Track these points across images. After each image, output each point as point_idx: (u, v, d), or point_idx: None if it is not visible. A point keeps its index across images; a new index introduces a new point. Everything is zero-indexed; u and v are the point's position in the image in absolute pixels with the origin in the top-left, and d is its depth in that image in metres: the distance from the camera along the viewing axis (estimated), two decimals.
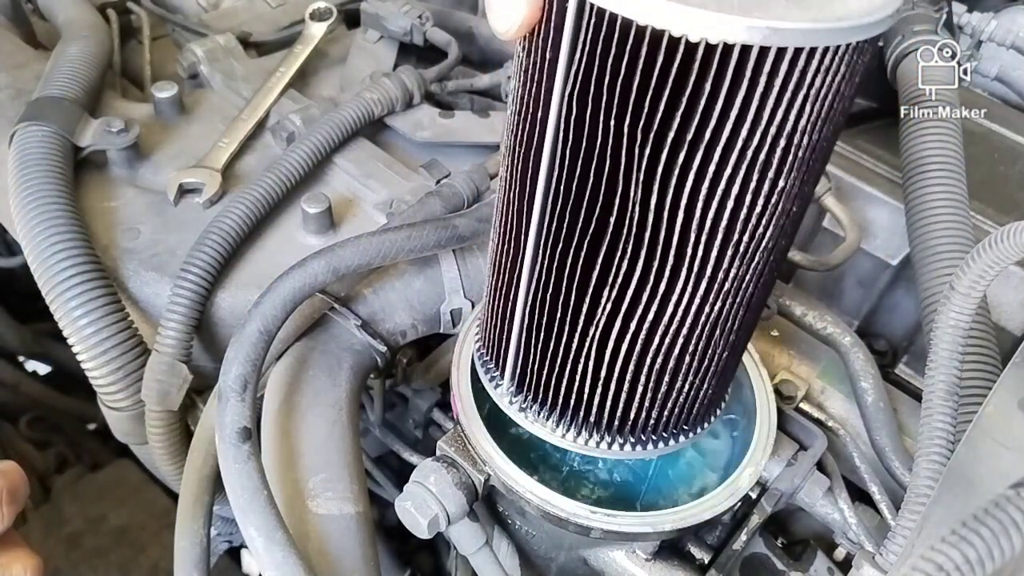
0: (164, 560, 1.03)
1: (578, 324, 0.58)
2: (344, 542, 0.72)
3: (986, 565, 0.39)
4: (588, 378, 0.61)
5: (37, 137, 0.87)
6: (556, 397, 0.64)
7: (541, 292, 0.58)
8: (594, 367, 0.60)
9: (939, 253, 0.85)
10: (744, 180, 0.48)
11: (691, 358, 0.59)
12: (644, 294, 0.54)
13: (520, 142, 0.54)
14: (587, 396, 0.62)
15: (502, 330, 0.65)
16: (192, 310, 0.81)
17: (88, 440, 1.73)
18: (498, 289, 0.64)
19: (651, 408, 0.62)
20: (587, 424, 0.64)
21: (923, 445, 0.64)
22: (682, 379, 0.61)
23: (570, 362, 0.60)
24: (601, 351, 0.58)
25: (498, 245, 0.63)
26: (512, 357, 0.65)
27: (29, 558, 0.61)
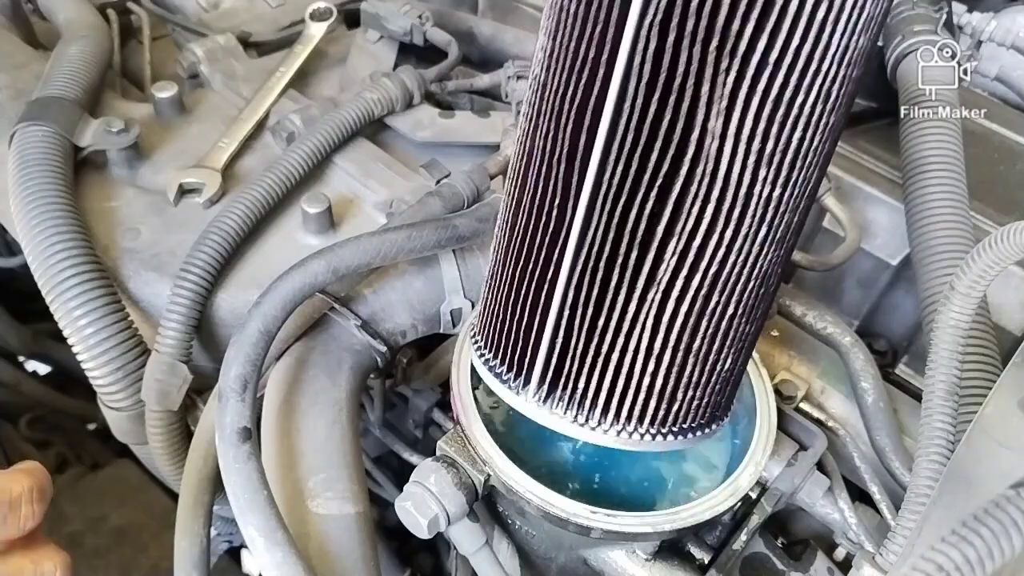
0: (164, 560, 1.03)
1: (635, 289, 0.55)
2: (344, 542, 0.72)
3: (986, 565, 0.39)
4: (640, 355, 0.57)
5: (37, 137, 0.87)
6: (600, 387, 0.60)
7: (593, 261, 0.55)
8: (649, 339, 0.57)
9: (939, 253, 0.85)
10: (811, 107, 0.48)
11: (740, 320, 0.57)
12: (711, 242, 0.52)
13: (566, 97, 0.51)
14: (637, 378, 0.59)
15: (528, 325, 0.61)
16: (192, 310, 0.81)
17: (88, 440, 1.73)
18: (521, 279, 0.60)
19: (699, 383, 0.60)
20: (632, 414, 0.60)
21: (923, 445, 0.64)
22: (729, 345, 0.59)
23: (622, 338, 0.57)
24: (659, 318, 0.56)
25: (522, 229, 0.59)
26: (545, 351, 0.60)
27: (58, 555, 0.61)
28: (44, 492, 0.59)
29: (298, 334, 0.83)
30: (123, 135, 0.93)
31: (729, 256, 0.54)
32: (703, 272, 0.54)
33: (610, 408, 0.61)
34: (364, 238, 0.79)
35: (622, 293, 0.56)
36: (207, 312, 0.84)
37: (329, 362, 0.82)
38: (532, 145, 0.56)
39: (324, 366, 0.81)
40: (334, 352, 0.83)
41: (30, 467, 0.61)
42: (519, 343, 0.63)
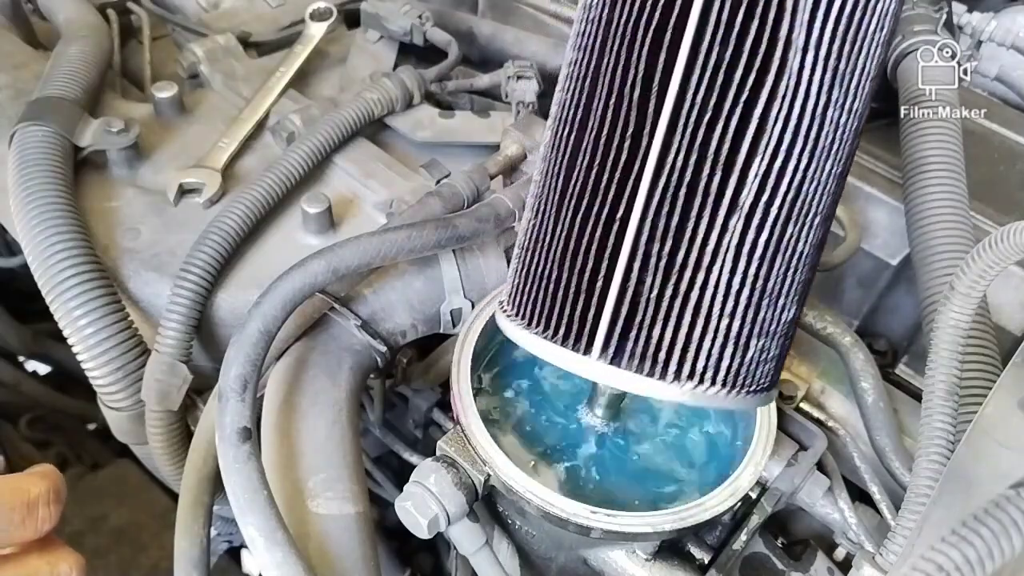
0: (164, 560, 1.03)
1: (718, 216, 0.53)
2: (344, 542, 0.72)
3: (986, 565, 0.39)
4: (720, 294, 0.55)
5: (37, 137, 0.87)
6: (677, 332, 0.56)
7: (673, 189, 0.53)
8: (728, 274, 0.55)
9: (939, 253, 0.85)
10: (873, 31, 0.51)
11: (804, 261, 0.57)
12: (790, 165, 0.52)
13: (639, 23, 0.52)
14: (716, 321, 0.56)
15: (593, 276, 0.57)
16: (192, 310, 0.81)
17: (88, 440, 1.73)
18: (583, 228, 0.57)
19: (769, 331, 0.58)
20: (709, 363, 0.57)
21: (923, 445, 0.64)
22: (794, 290, 0.58)
23: (702, 273, 0.55)
24: (739, 249, 0.54)
25: (582, 172, 0.57)
26: (614, 300, 0.56)
27: (73, 556, 0.61)
28: (60, 494, 0.60)
29: (298, 334, 0.83)
30: (123, 135, 0.93)
31: (804, 182, 0.54)
32: (783, 197, 0.53)
33: (687, 357, 0.57)
34: (364, 238, 0.79)
35: (704, 221, 0.54)
36: (207, 312, 0.84)
37: (329, 362, 0.82)
38: (593, 82, 0.55)
39: (324, 366, 0.81)
40: (334, 352, 0.83)
41: (46, 470, 0.61)
42: (580, 299, 0.58)
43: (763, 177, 0.53)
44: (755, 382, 0.61)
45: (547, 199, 0.62)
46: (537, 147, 0.96)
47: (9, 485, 0.58)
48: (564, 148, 0.59)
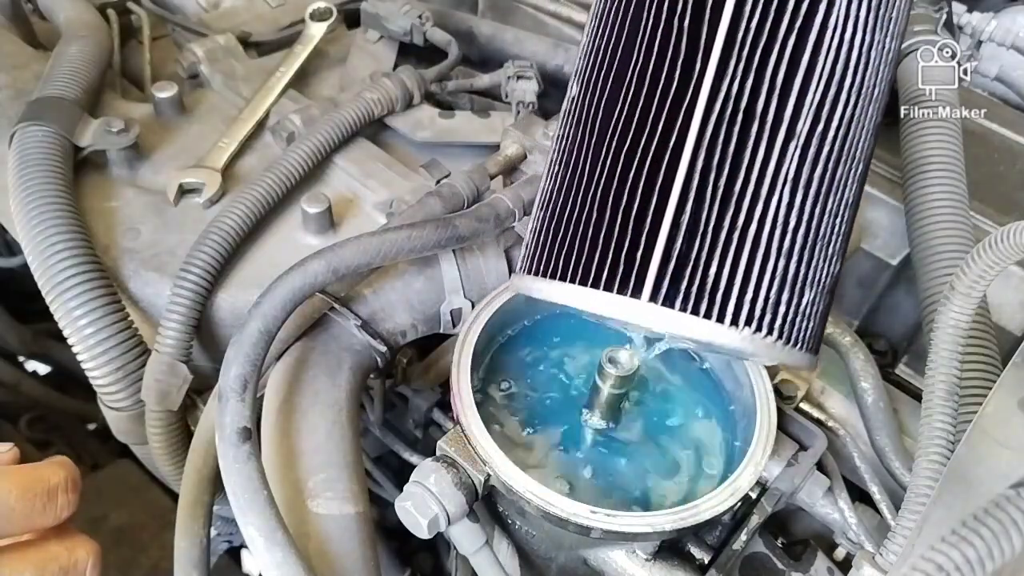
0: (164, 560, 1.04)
1: (776, 143, 0.52)
2: (344, 542, 0.72)
3: (986, 565, 0.39)
4: (778, 228, 0.53)
5: (37, 137, 0.87)
6: (735, 268, 0.53)
7: (729, 117, 0.51)
8: (786, 208, 0.53)
9: (939, 253, 0.85)
10: None
11: (848, 206, 0.57)
12: (844, 89, 0.52)
13: None
14: (775, 258, 0.54)
15: (641, 212, 0.54)
16: (192, 310, 0.81)
17: (88, 440, 1.73)
18: (628, 165, 0.55)
19: (818, 279, 0.57)
20: (767, 304, 0.55)
21: (923, 445, 0.64)
22: (840, 238, 0.58)
23: (760, 204, 0.53)
24: (796, 180, 0.53)
25: (627, 110, 0.54)
26: (666, 236, 0.53)
27: (90, 543, 0.62)
28: (77, 483, 0.62)
29: (298, 334, 0.83)
30: (123, 135, 0.93)
31: (853, 120, 0.54)
32: (835, 130, 0.53)
33: (744, 299, 0.54)
34: (364, 238, 0.79)
35: (761, 149, 0.52)
36: (207, 312, 0.84)
37: (329, 362, 0.82)
38: (637, 15, 0.54)
39: (324, 366, 0.81)
40: (334, 352, 0.83)
41: (63, 460, 0.63)
42: (627, 238, 0.55)
43: (818, 106, 0.52)
44: (805, 339, 0.58)
45: (581, 143, 0.59)
46: (537, 147, 0.96)
47: (30, 474, 0.60)
48: (601, 85, 0.57)
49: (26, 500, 0.58)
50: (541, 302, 0.87)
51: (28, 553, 0.59)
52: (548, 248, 0.60)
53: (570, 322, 0.90)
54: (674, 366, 0.88)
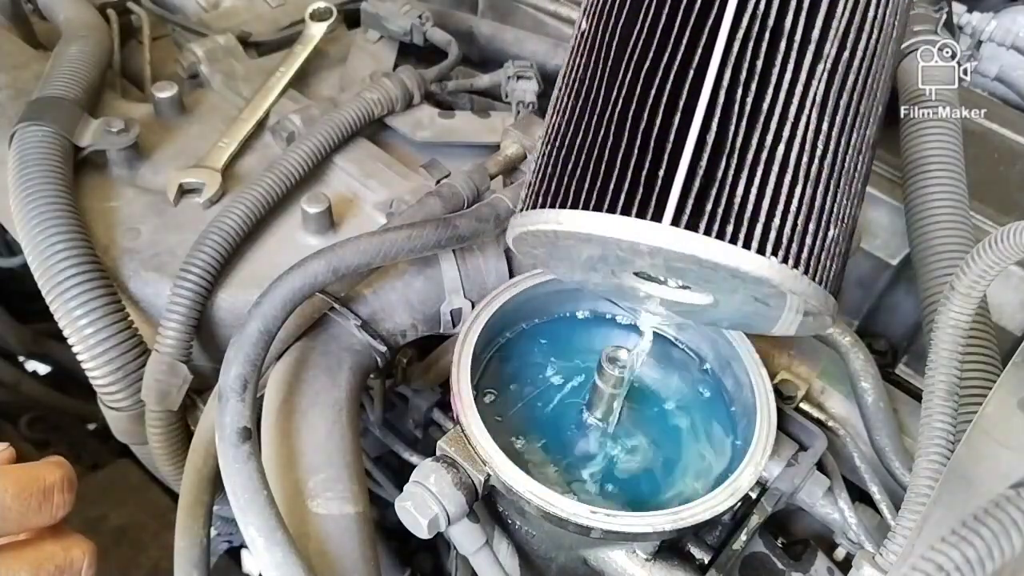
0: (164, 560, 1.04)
1: (804, 61, 0.50)
2: (344, 542, 0.72)
3: (986, 565, 0.39)
4: (807, 150, 0.52)
5: (37, 137, 0.87)
6: (764, 189, 0.51)
7: (756, 34, 0.50)
8: (814, 131, 0.51)
9: (939, 253, 0.85)
10: None
11: (868, 143, 0.55)
12: (868, 18, 0.52)
13: None
14: (803, 181, 0.51)
15: (663, 130, 0.51)
16: (192, 310, 0.81)
17: (88, 440, 1.73)
18: (647, 84, 0.52)
19: (843, 214, 0.55)
20: (795, 230, 0.52)
21: (923, 445, 0.64)
22: (862, 173, 0.56)
23: (789, 124, 0.51)
24: (824, 102, 0.52)
25: (647, 29, 0.52)
26: (690, 155, 0.50)
27: (86, 542, 0.63)
28: (73, 483, 0.62)
29: (298, 334, 0.83)
30: (123, 135, 0.93)
31: (875, 56, 0.53)
32: (860, 60, 0.52)
33: (772, 223, 0.51)
34: (364, 238, 0.79)
35: (790, 66, 0.50)
36: (207, 312, 0.84)
37: (329, 362, 0.82)
38: None
39: (324, 366, 0.81)
40: (334, 352, 0.83)
41: (59, 459, 0.63)
42: (647, 158, 0.51)
43: (844, 33, 0.51)
44: (829, 278, 0.55)
45: (595, 70, 0.56)
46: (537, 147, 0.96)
47: (26, 473, 0.60)
48: (617, 10, 0.55)
49: (22, 499, 0.58)
50: (541, 302, 0.88)
51: (24, 552, 0.59)
52: (557, 178, 0.56)
53: (570, 322, 0.90)
54: (674, 366, 0.88)
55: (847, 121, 0.54)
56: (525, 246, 0.63)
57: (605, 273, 0.65)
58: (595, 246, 0.56)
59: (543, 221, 0.55)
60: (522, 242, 0.62)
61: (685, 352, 0.89)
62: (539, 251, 0.64)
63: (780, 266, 0.51)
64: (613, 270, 0.63)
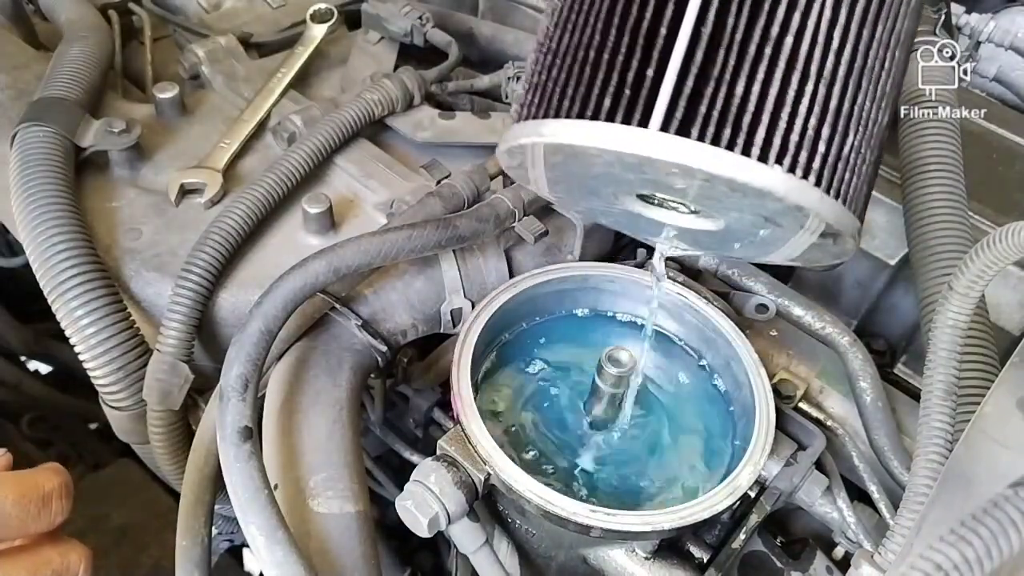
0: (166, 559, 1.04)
1: None
2: (345, 541, 0.72)
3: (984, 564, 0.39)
4: (820, 45, 0.45)
5: (38, 138, 0.87)
6: (766, 90, 0.45)
7: None
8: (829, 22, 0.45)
9: (938, 253, 0.86)
10: None
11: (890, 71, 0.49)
12: None
13: None
14: (813, 85, 0.45)
15: (653, 24, 0.46)
16: (193, 310, 0.81)
17: (90, 439, 1.73)
18: None
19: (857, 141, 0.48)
20: (804, 139, 0.46)
21: (921, 444, 0.64)
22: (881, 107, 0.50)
23: (799, 12, 0.45)
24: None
25: None
26: (684, 44, 0.45)
27: (82, 548, 0.64)
28: (70, 490, 0.63)
29: (299, 334, 0.83)
30: (124, 135, 0.94)
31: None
32: None
33: (777, 125, 0.45)
34: (365, 238, 0.80)
35: None
36: (208, 312, 0.84)
37: (330, 362, 0.82)
38: None
39: (325, 366, 0.82)
40: (335, 352, 0.83)
41: (56, 467, 0.64)
42: (634, 56, 0.46)
43: None
44: (848, 193, 0.48)
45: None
46: None
47: (25, 480, 0.61)
48: None
49: (21, 506, 0.59)
50: (541, 301, 0.88)
51: (22, 558, 0.60)
52: (543, 88, 0.51)
53: (570, 321, 0.91)
54: (673, 365, 0.88)
55: (870, 8, 0.47)
56: (515, 167, 0.57)
57: (607, 197, 0.59)
58: (583, 162, 0.50)
59: (524, 135, 0.50)
60: (511, 158, 0.56)
61: (684, 351, 0.89)
62: (533, 172, 0.57)
63: (786, 176, 0.45)
64: (614, 193, 0.57)
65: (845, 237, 0.50)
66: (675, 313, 0.89)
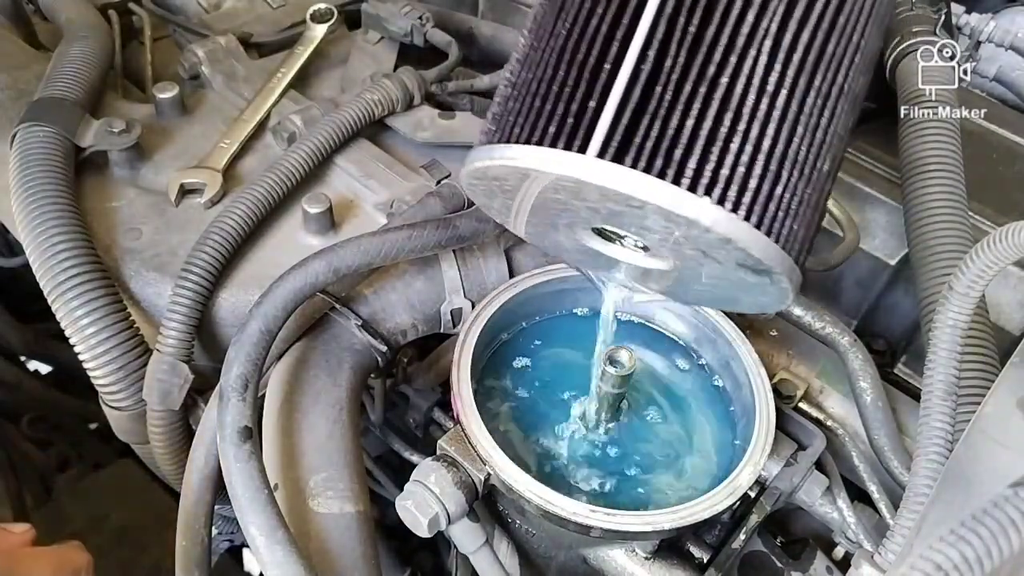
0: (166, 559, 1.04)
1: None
2: (345, 541, 0.72)
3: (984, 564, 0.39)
4: (754, 85, 0.48)
5: (38, 137, 0.87)
6: (700, 124, 0.47)
7: None
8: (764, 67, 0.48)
9: (938, 253, 0.85)
10: None
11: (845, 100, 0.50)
12: None
13: None
14: (747, 120, 0.47)
15: (600, 57, 0.49)
16: (193, 310, 0.81)
17: (90, 440, 1.73)
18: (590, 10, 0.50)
19: (802, 172, 0.50)
20: (735, 174, 0.48)
21: (922, 444, 0.64)
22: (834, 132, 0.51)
23: (735, 55, 0.48)
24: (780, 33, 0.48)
25: None
26: (627, 77, 0.47)
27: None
28: (92, 566, 0.69)
29: (299, 334, 0.83)
30: (124, 135, 0.94)
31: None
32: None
33: (708, 160, 0.47)
34: (365, 238, 0.80)
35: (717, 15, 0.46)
36: (208, 312, 0.84)
37: (330, 362, 0.82)
38: None
39: (325, 366, 0.82)
40: (335, 352, 0.83)
41: (79, 544, 0.70)
42: (580, 87, 0.49)
43: None
44: (783, 236, 0.50)
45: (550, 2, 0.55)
46: None
47: (59, 556, 0.66)
48: None
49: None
50: (541, 301, 0.88)
51: None
52: (502, 119, 0.54)
53: (570, 320, 0.91)
54: (673, 365, 0.88)
55: (807, 60, 0.49)
56: (479, 195, 0.60)
57: (564, 231, 0.61)
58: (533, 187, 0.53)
59: (478, 158, 0.53)
60: (473, 189, 0.60)
61: (685, 351, 0.89)
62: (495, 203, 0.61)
63: (714, 207, 0.47)
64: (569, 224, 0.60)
65: (779, 276, 0.52)
66: (675, 313, 0.89)
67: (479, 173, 0.55)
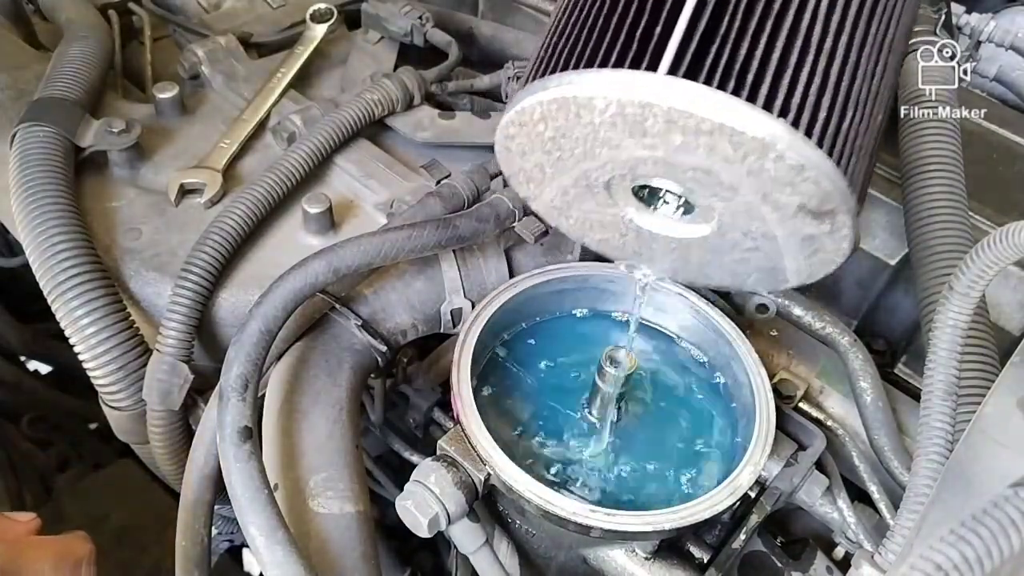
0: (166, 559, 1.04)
1: None
2: (345, 541, 0.72)
3: (984, 564, 0.39)
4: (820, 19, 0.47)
5: (38, 137, 0.87)
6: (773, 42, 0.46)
7: None
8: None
9: (938, 253, 0.85)
10: None
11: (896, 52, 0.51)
12: None
13: None
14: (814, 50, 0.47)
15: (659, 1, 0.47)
16: (193, 310, 0.81)
17: (90, 440, 1.73)
18: None
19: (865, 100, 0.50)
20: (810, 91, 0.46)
21: (922, 444, 0.64)
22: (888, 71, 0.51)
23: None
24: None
25: None
26: (691, 8, 0.46)
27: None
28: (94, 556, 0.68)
29: (299, 334, 0.83)
30: (124, 135, 0.94)
31: None
32: None
33: (781, 81, 0.45)
34: (365, 238, 0.80)
35: None
36: (208, 312, 0.84)
37: (330, 362, 0.82)
38: None
39: (325, 366, 0.82)
40: (335, 352, 0.83)
41: (84, 534, 0.69)
42: (645, 14, 0.47)
43: None
44: (850, 171, 0.48)
45: None
46: None
47: (61, 546, 0.66)
48: None
49: (59, 570, 0.63)
50: (541, 301, 0.88)
51: None
52: (550, 55, 0.51)
53: (570, 321, 0.91)
54: (674, 365, 0.88)
55: (863, 9, 0.50)
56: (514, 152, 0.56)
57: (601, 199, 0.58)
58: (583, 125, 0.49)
59: (534, 88, 0.49)
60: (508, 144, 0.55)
61: (685, 351, 0.89)
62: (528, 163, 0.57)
63: (789, 128, 0.45)
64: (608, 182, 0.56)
65: (843, 218, 0.49)
66: (676, 312, 0.89)
67: (525, 116, 0.50)
